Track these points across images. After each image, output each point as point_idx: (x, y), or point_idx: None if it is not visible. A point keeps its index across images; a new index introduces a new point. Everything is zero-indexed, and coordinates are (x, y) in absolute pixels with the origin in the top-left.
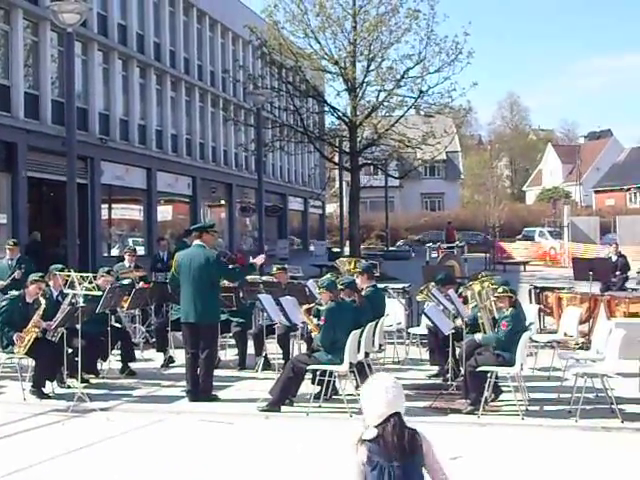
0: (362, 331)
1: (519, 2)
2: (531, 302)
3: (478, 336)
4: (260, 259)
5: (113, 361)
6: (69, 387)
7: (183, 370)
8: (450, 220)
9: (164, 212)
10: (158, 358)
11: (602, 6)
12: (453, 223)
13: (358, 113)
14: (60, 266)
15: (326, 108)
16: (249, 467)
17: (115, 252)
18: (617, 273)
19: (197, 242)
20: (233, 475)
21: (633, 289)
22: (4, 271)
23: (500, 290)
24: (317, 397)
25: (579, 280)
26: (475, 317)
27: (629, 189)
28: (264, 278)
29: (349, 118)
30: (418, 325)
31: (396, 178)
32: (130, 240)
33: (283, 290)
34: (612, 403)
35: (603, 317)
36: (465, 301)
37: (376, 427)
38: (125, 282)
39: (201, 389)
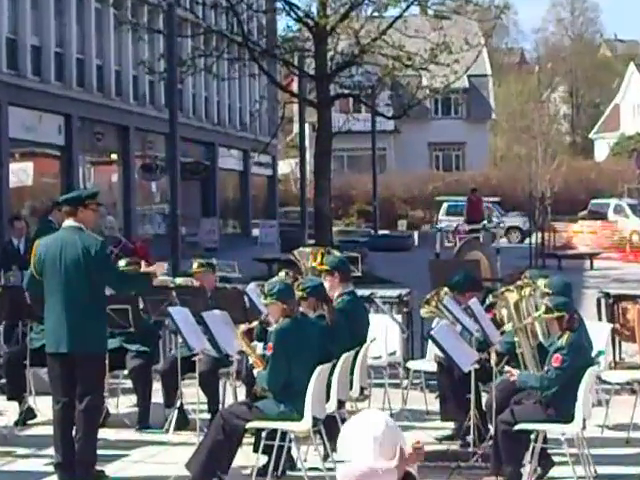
0: (334, 366)
1: None
2: (600, 319)
3: (512, 373)
4: (160, 268)
5: None
6: None
7: (50, 430)
8: (475, 186)
9: (19, 172)
10: (10, 409)
11: None
12: (480, 191)
13: (329, 12)
14: None
15: (279, 4)
16: None
17: None
18: None
19: (70, 222)
20: None
21: None
22: None
23: (542, 310)
24: (262, 473)
25: None
26: (512, 344)
27: None
28: (178, 280)
29: (315, 21)
30: (422, 356)
31: (389, 118)
32: None
33: (208, 300)
34: None
35: None
36: (498, 323)
37: None
38: None
39: (79, 460)
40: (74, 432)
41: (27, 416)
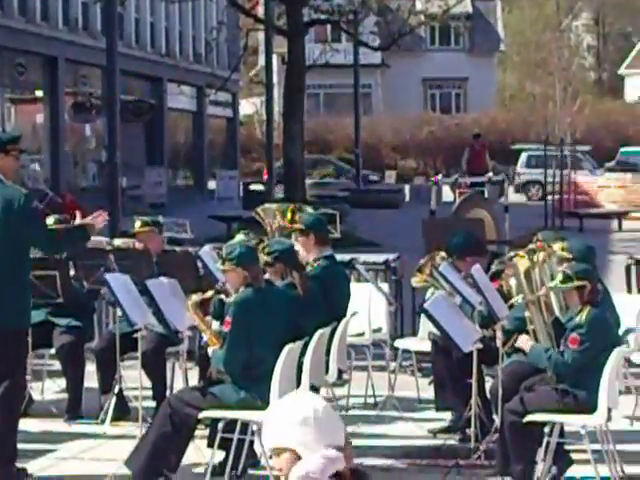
0: (306, 345)
1: None
2: (630, 290)
3: (525, 342)
4: (100, 219)
5: None
6: None
7: None
8: (478, 131)
9: None
10: None
11: None
12: (484, 137)
13: None
14: None
15: None
16: None
17: None
18: None
19: None
20: None
21: None
22: None
23: (559, 279)
24: (219, 472)
25: None
26: (522, 320)
27: None
28: (116, 242)
29: None
30: (414, 334)
31: (376, 49)
32: None
33: (153, 265)
34: None
35: None
36: (506, 295)
37: None
38: None
39: None
40: None
41: None
